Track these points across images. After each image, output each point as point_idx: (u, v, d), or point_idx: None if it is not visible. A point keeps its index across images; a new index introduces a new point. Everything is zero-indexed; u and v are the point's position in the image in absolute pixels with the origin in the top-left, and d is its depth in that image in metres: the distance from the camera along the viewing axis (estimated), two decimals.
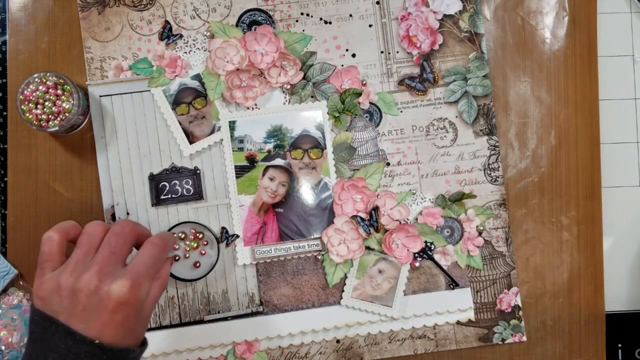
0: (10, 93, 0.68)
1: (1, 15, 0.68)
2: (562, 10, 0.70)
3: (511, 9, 0.70)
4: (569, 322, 0.69)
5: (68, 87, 0.62)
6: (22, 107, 0.61)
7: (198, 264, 0.66)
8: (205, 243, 0.66)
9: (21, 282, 0.67)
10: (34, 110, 0.61)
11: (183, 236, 0.66)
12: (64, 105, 0.61)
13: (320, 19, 0.68)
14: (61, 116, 0.61)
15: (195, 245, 0.66)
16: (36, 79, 0.61)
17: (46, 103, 0.61)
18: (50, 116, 0.61)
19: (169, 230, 0.66)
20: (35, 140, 0.67)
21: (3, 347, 0.65)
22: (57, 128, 0.61)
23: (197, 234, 0.66)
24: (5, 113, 0.68)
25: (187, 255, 0.66)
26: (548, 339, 0.69)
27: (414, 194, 0.68)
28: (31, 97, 0.61)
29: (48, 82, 0.61)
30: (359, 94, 0.68)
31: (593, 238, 0.70)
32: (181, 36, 0.67)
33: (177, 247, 0.65)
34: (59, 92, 0.61)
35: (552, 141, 0.70)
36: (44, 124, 0.61)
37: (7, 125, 0.68)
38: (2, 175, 0.68)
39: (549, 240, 0.70)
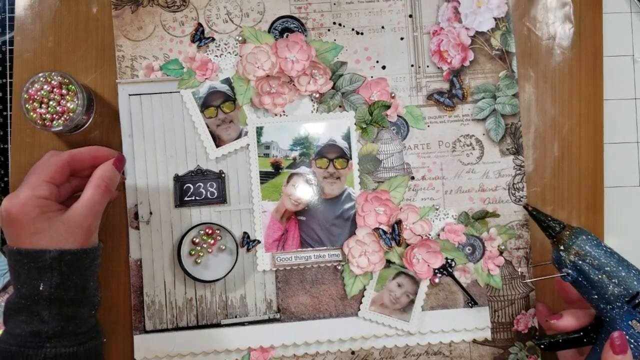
0: (15, 92, 0.67)
1: (1, 15, 0.68)
2: (568, 22, 0.70)
3: (517, 19, 0.70)
4: None
5: (73, 87, 0.61)
6: (27, 106, 0.61)
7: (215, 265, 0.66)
8: (223, 248, 0.66)
9: None
10: (38, 110, 0.61)
11: (197, 240, 0.66)
12: (68, 105, 0.61)
13: (352, 29, 0.68)
14: (65, 116, 0.61)
15: (212, 241, 0.66)
16: (41, 78, 0.61)
17: (50, 102, 0.61)
18: (54, 116, 0.61)
19: (190, 229, 0.65)
20: (39, 139, 0.67)
21: None
22: (61, 128, 0.61)
23: (216, 235, 0.66)
24: (4, 113, 0.68)
25: (211, 250, 0.66)
26: None
27: (437, 209, 0.68)
28: (36, 96, 0.61)
29: (53, 82, 0.61)
30: (388, 107, 0.68)
31: None
32: (213, 39, 0.68)
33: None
34: (64, 91, 0.61)
35: (555, 152, 0.70)
36: (47, 124, 0.61)
37: (10, 124, 0.67)
38: (2, 175, 0.68)
39: None
